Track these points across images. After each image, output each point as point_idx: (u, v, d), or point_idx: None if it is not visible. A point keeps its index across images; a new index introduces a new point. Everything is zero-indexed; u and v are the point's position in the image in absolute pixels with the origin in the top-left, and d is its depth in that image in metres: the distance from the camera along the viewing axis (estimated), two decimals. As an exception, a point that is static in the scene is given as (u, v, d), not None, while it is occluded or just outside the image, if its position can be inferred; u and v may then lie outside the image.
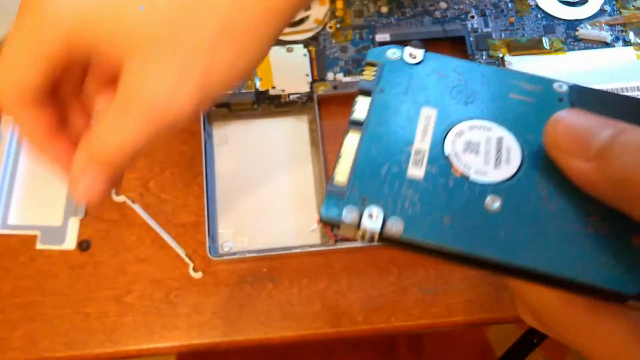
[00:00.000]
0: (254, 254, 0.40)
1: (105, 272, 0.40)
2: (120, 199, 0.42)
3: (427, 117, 0.21)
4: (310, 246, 0.40)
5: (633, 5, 0.47)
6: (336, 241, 0.40)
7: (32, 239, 0.41)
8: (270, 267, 0.41)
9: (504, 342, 0.79)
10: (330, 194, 0.19)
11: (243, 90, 0.43)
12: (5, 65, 0.21)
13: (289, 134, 0.44)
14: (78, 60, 0.22)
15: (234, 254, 0.40)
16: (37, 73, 0.21)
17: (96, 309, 0.39)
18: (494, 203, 0.19)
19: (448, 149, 0.20)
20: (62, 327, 0.39)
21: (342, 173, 0.19)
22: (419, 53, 0.23)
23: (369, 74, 0.23)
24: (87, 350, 0.38)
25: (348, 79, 0.44)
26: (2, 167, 0.42)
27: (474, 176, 0.19)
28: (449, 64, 0.22)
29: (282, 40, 0.45)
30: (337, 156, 0.20)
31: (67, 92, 0.24)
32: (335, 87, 0.44)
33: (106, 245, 0.41)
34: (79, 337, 0.39)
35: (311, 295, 0.40)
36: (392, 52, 0.23)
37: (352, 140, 0.21)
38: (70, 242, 0.41)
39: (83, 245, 0.41)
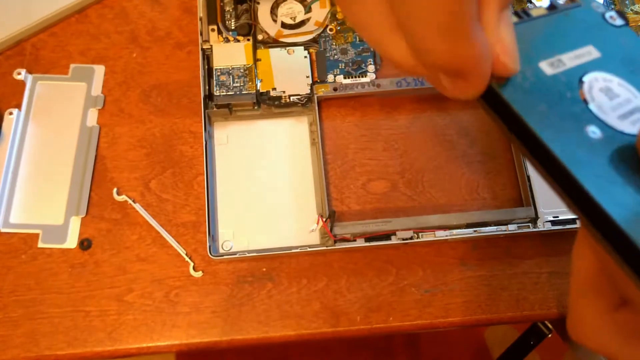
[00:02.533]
0: (254, 254, 0.40)
1: (106, 270, 0.40)
2: (122, 198, 0.42)
3: (589, 52, 0.22)
4: (310, 246, 0.40)
5: (632, 10, 0.48)
6: (335, 242, 0.40)
7: (34, 237, 0.41)
8: (270, 267, 0.41)
9: (500, 344, 0.79)
10: None
11: (244, 92, 0.43)
12: None
13: (289, 135, 0.45)
14: None
15: (234, 253, 0.40)
16: None
17: (97, 307, 0.40)
18: (594, 132, 0.19)
19: (587, 79, 0.20)
20: (63, 325, 0.39)
21: None
22: (620, 22, 0.23)
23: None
24: (87, 348, 0.39)
25: (348, 81, 0.44)
26: (4, 166, 0.42)
27: (593, 106, 0.20)
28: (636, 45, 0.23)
29: (283, 42, 0.45)
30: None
31: None
32: (335, 89, 0.44)
33: (107, 244, 0.41)
34: (79, 335, 0.39)
35: (310, 295, 0.40)
36: (597, 5, 0.24)
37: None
38: (71, 241, 0.41)
39: (84, 244, 0.41)
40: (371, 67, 0.45)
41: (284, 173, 0.43)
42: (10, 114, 0.43)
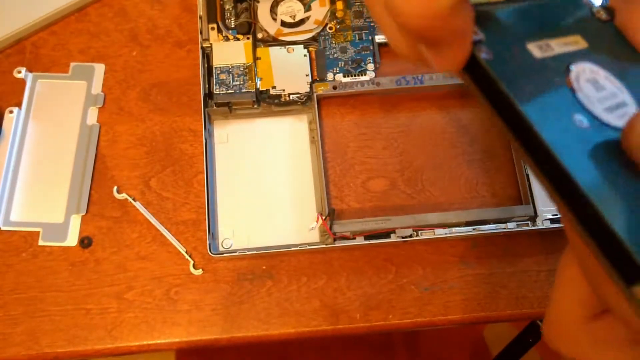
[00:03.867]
0: (254, 252, 0.40)
1: (106, 268, 0.41)
2: (122, 196, 0.42)
3: (577, 42, 0.21)
4: (309, 244, 0.41)
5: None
6: (335, 240, 0.40)
7: (34, 235, 0.41)
8: (270, 265, 0.41)
9: (499, 341, 0.80)
10: None
11: (244, 90, 0.43)
12: None
13: (288, 133, 0.45)
14: None
15: (234, 251, 0.40)
16: None
17: (97, 305, 0.40)
18: (580, 121, 0.19)
19: (574, 68, 0.20)
20: (64, 323, 0.39)
21: None
22: (606, 17, 0.23)
23: None
24: (88, 346, 0.39)
25: (348, 79, 0.44)
26: (4, 165, 0.42)
27: (580, 96, 0.19)
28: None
29: (282, 41, 0.45)
30: None
31: None
32: (334, 87, 0.44)
33: (107, 243, 0.41)
34: (80, 333, 0.39)
35: (310, 293, 0.41)
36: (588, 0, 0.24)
37: None
38: (72, 239, 0.41)
39: (84, 242, 0.41)
40: (370, 66, 0.45)
41: (283, 171, 0.43)
42: (11, 112, 0.43)
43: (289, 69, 0.44)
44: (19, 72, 0.44)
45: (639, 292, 0.16)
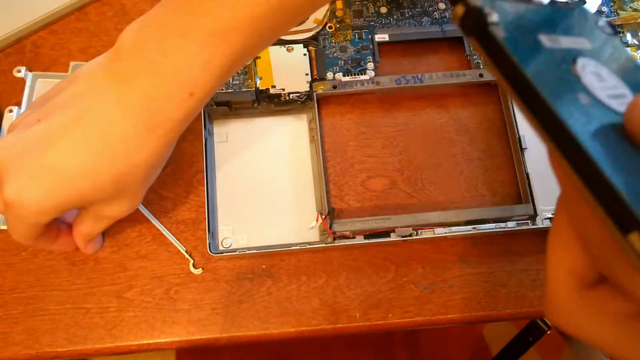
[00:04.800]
0: (254, 251, 0.40)
1: (106, 268, 0.41)
2: (121, 195, 0.42)
3: (583, 43, 0.22)
4: (309, 243, 0.41)
5: (630, 7, 0.48)
6: (334, 239, 0.40)
7: (34, 234, 0.41)
8: (270, 264, 0.41)
9: (499, 340, 0.80)
10: None
11: (243, 89, 0.43)
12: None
13: (288, 133, 0.45)
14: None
15: (234, 250, 0.40)
16: (33, 234, 0.35)
17: (97, 304, 0.40)
18: (585, 99, 0.19)
19: (580, 60, 0.21)
20: (63, 322, 0.39)
21: None
22: (609, 31, 0.25)
23: None
24: (87, 345, 0.39)
25: (347, 78, 0.44)
26: (4, 164, 0.42)
27: (585, 82, 0.20)
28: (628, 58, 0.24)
29: (282, 40, 0.45)
30: None
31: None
32: (334, 87, 0.44)
33: (107, 242, 0.41)
34: (79, 332, 0.39)
35: (310, 292, 0.41)
36: (590, 13, 0.25)
37: None
38: (71, 238, 0.41)
39: (84, 241, 0.41)
40: (370, 65, 0.45)
41: (283, 170, 0.44)
42: (10, 111, 0.43)
43: (288, 68, 0.44)
44: (19, 71, 0.44)
45: (634, 240, 0.17)
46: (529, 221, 0.41)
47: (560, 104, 0.18)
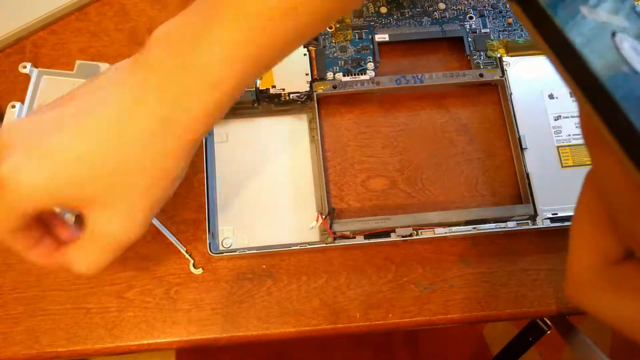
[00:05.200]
0: (254, 251, 0.40)
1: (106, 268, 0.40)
2: (122, 195, 0.42)
3: (623, 21, 0.23)
4: (309, 243, 0.41)
5: (630, 7, 0.48)
6: (335, 239, 0.40)
7: (34, 235, 0.41)
8: (270, 264, 0.41)
9: (499, 340, 0.80)
10: None
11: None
12: None
13: (288, 133, 0.45)
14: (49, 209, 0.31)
15: (234, 250, 0.40)
16: (13, 225, 0.30)
17: (97, 304, 0.40)
18: (625, 67, 0.20)
19: (618, 35, 0.21)
20: (64, 323, 0.39)
21: None
22: None
23: None
24: (88, 345, 0.39)
25: (347, 78, 0.44)
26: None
27: (624, 52, 0.21)
28: None
29: (282, 40, 0.45)
30: None
31: (47, 216, 0.33)
32: (334, 87, 0.44)
33: (107, 242, 0.41)
34: (80, 332, 0.39)
35: (310, 292, 0.41)
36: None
37: None
38: (71, 238, 0.41)
39: (84, 241, 0.41)
40: (370, 65, 0.45)
41: (283, 170, 0.44)
42: (13, 107, 0.43)
43: (288, 68, 0.44)
44: (24, 67, 0.44)
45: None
46: (529, 221, 0.41)
47: (601, 70, 0.19)
